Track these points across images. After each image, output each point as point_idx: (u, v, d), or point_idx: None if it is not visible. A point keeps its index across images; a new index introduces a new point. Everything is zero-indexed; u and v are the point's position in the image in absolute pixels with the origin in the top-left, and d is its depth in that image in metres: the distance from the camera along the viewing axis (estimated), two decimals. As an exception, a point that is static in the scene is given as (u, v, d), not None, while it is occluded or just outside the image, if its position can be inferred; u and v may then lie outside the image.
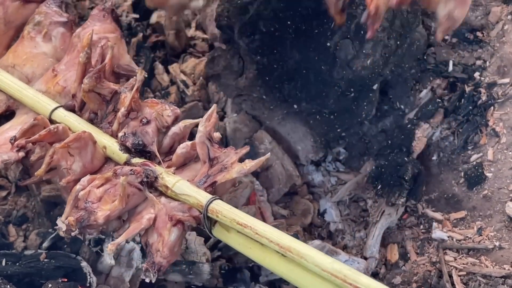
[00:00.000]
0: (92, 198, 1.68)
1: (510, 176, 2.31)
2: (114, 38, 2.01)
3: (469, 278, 2.23)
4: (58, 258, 2.09)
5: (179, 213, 1.70)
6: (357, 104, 2.35)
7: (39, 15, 2.15)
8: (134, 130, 1.81)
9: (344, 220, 2.43)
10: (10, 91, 1.98)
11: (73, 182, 1.76)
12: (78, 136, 1.74)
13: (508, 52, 2.38)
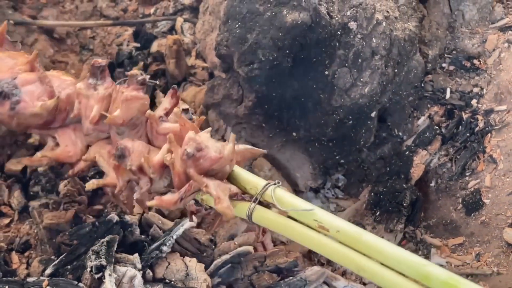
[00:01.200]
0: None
1: (508, 202, 2.33)
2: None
3: None
4: (60, 285, 2.08)
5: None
6: (355, 131, 2.38)
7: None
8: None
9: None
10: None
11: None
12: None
13: (505, 80, 2.41)
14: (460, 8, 2.51)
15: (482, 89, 2.46)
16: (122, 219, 2.22)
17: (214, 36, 2.48)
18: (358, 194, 2.48)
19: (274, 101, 2.37)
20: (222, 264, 2.20)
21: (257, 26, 2.30)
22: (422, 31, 2.45)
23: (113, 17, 2.75)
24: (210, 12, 2.55)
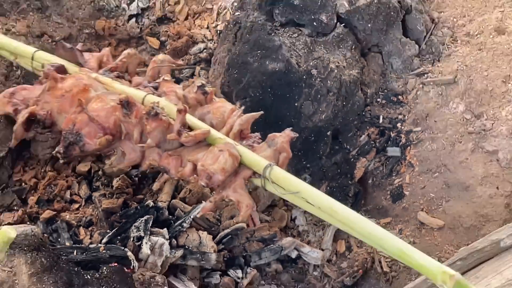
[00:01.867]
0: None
1: (421, 194, 2.43)
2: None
3: (392, 263, 2.35)
4: (112, 249, 2.17)
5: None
6: (316, 145, 2.46)
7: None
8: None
9: (308, 224, 2.50)
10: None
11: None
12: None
13: (420, 110, 2.49)
14: (390, 61, 2.57)
15: (404, 116, 2.52)
16: (156, 205, 2.30)
17: (220, 79, 2.56)
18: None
19: (260, 123, 2.36)
20: (224, 235, 2.30)
21: (248, 72, 2.41)
22: (363, 76, 2.49)
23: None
24: (218, 63, 2.60)
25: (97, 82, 2.04)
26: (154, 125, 1.89)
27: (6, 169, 2.52)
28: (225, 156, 1.85)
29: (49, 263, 1.95)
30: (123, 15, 2.74)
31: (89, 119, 1.95)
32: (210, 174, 1.83)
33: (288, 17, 2.46)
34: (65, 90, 2.02)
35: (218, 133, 1.93)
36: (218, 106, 2.05)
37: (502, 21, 2.52)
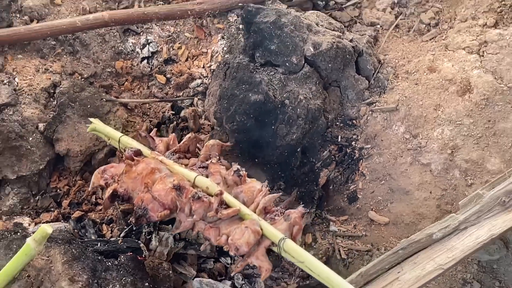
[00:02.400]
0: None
1: (371, 197, 2.44)
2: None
3: (349, 251, 2.35)
4: (128, 242, 2.19)
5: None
6: (289, 159, 2.46)
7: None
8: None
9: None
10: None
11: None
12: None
13: (369, 131, 2.50)
14: (346, 93, 2.57)
15: (357, 136, 2.52)
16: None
17: (213, 108, 2.57)
18: (290, 193, 2.49)
19: (244, 143, 2.45)
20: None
21: (235, 102, 2.41)
22: (325, 105, 2.50)
23: (160, 97, 2.75)
24: (211, 95, 2.61)
25: (162, 164, 2.15)
26: (197, 206, 2.00)
27: (44, 178, 2.53)
28: (249, 232, 1.92)
29: (78, 253, 1.97)
30: (137, 57, 2.75)
31: (152, 198, 2.05)
32: (238, 246, 1.92)
33: (266, 59, 2.48)
34: (137, 173, 2.12)
35: (247, 209, 2.01)
36: (250, 186, 2.10)
37: (433, 62, 2.54)
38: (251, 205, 2.05)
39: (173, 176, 2.11)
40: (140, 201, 2.07)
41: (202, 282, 2.22)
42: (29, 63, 2.60)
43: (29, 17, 2.71)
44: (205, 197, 2.00)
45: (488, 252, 2.15)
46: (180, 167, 2.14)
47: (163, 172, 2.12)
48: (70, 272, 1.90)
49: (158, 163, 2.15)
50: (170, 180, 2.08)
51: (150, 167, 2.12)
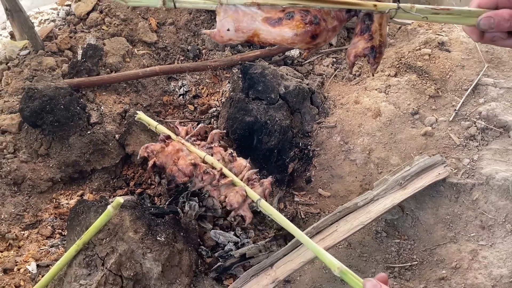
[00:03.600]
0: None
1: (320, 180, 2.40)
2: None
3: (306, 214, 2.32)
4: (170, 207, 2.16)
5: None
6: (269, 157, 2.43)
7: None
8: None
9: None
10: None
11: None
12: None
13: (319, 140, 2.47)
14: (304, 116, 2.53)
15: (311, 143, 2.48)
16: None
17: (223, 125, 2.52)
18: (268, 177, 2.47)
19: (242, 147, 2.42)
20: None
21: (236, 122, 2.39)
22: (291, 124, 2.46)
23: (190, 118, 2.71)
24: (222, 117, 2.55)
25: (184, 146, 2.13)
26: (206, 177, 1.99)
27: (119, 169, 2.50)
28: (238, 195, 1.92)
29: (139, 214, 1.95)
30: (176, 94, 2.72)
31: (178, 169, 2.04)
32: (231, 204, 1.93)
33: (256, 95, 2.46)
34: (168, 152, 2.10)
35: (237, 178, 1.99)
36: (239, 163, 2.08)
37: (357, 97, 2.53)
38: (239, 175, 2.04)
39: (190, 154, 2.09)
40: (170, 171, 2.06)
41: (216, 232, 2.20)
42: (109, 97, 2.59)
43: (110, 69, 2.69)
44: (211, 171, 2.00)
45: (391, 214, 2.15)
46: (195, 148, 2.13)
47: (184, 152, 2.10)
48: (134, 226, 1.89)
49: (181, 145, 2.12)
50: (189, 158, 2.06)
51: (176, 148, 2.09)
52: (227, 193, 1.97)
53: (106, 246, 1.84)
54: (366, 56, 0.95)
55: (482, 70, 2.45)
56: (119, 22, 2.82)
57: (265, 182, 2.01)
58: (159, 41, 2.87)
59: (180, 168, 2.03)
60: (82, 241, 1.80)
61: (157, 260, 1.85)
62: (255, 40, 0.99)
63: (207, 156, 2.06)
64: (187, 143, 2.15)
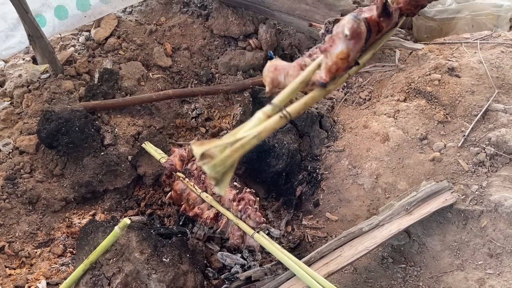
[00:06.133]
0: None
1: (327, 204, 2.39)
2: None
3: (313, 237, 2.31)
4: (179, 228, 2.22)
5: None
6: (278, 180, 2.45)
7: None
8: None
9: (273, 218, 2.46)
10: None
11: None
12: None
13: (327, 163, 2.47)
14: (313, 140, 2.55)
15: (320, 166, 2.47)
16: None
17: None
18: (278, 200, 2.48)
19: (251, 169, 2.45)
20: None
21: (245, 145, 2.45)
22: (300, 147, 2.49)
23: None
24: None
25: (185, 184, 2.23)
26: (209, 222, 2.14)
27: (131, 189, 2.56)
28: (238, 234, 2.08)
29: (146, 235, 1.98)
30: (189, 117, 2.78)
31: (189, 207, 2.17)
32: (234, 244, 2.09)
33: (265, 119, 2.47)
34: (176, 191, 2.26)
35: (231, 216, 2.08)
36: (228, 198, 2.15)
37: (366, 122, 2.54)
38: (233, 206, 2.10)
39: (193, 194, 2.21)
40: (184, 209, 2.19)
41: (223, 254, 2.22)
42: (124, 120, 2.65)
43: (125, 92, 2.76)
44: (208, 220, 2.12)
45: (397, 239, 2.13)
46: (191, 185, 2.21)
47: (187, 191, 2.21)
48: (140, 247, 1.92)
49: (183, 185, 2.22)
50: (181, 184, 2.22)
51: (181, 190, 2.23)
52: (229, 231, 2.08)
53: (112, 266, 1.88)
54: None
55: (492, 96, 2.43)
56: (135, 47, 2.91)
57: (251, 214, 2.03)
58: (173, 66, 2.95)
59: (191, 209, 2.19)
60: (89, 261, 1.85)
61: (161, 281, 1.88)
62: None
63: (203, 193, 2.16)
64: (186, 180, 2.23)
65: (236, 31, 3.00)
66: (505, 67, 2.55)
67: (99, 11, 2.91)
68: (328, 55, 0.92)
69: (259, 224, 2.02)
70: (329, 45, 0.92)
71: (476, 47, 2.75)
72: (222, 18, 3.00)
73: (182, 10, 3.12)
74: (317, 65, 0.97)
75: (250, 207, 2.05)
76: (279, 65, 1.03)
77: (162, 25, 3.06)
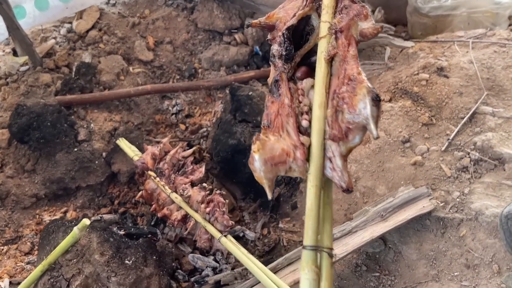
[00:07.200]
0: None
1: (305, 206, 2.36)
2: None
3: (288, 241, 2.26)
4: (150, 228, 2.17)
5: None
6: (254, 180, 2.42)
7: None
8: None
9: (249, 220, 2.40)
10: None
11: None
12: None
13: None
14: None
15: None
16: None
17: (209, 146, 2.53)
18: (256, 201, 2.44)
19: (226, 169, 2.41)
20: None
21: (220, 144, 2.37)
22: None
23: (181, 138, 2.72)
24: (209, 138, 2.57)
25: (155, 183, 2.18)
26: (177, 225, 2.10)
27: (104, 186, 2.52)
28: (205, 237, 2.04)
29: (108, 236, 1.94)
30: (169, 113, 2.73)
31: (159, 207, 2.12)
32: (202, 247, 2.07)
33: (242, 118, 2.43)
34: (147, 190, 2.21)
35: (199, 217, 2.03)
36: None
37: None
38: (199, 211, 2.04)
39: (163, 194, 2.15)
40: (154, 209, 2.15)
41: (194, 256, 2.17)
42: (100, 115, 2.61)
43: (103, 86, 2.73)
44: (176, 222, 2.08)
45: (372, 247, 2.06)
46: (162, 185, 2.15)
47: (158, 191, 2.15)
48: (101, 249, 1.88)
49: (154, 184, 2.16)
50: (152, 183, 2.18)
51: (151, 190, 2.17)
52: (196, 234, 2.05)
53: (72, 268, 1.84)
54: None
55: (481, 98, 2.34)
56: (117, 40, 2.87)
57: (218, 217, 1.97)
58: (155, 60, 2.90)
59: (161, 208, 2.14)
60: (47, 262, 1.81)
61: (121, 284, 1.83)
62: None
63: (172, 194, 2.10)
64: (156, 179, 2.17)
65: (221, 25, 2.93)
66: (496, 68, 2.46)
67: (81, 3, 2.88)
68: (342, 144, 0.83)
69: (226, 227, 1.97)
70: (343, 133, 0.82)
71: (468, 46, 2.65)
72: (207, 12, 2.94)
73: (167, 3, 3.07)
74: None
75: (218, 210, 1.99)
76: (274, 153, 0.91)
77: (146, 18, 3.00)
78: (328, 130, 0.81)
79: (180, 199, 2.08)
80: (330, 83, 0.83)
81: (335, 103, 0.79)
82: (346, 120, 0.78)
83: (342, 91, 0.78)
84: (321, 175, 0.83)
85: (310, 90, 0.95)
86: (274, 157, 0.83)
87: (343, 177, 0.83)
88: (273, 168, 0.84)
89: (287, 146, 0.82)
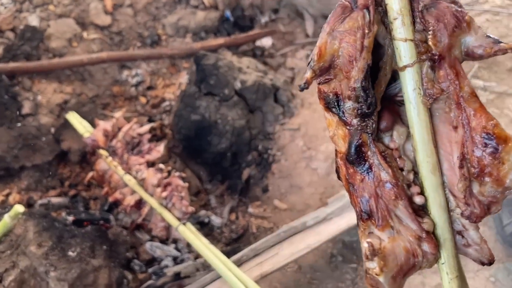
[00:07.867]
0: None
1: (277, 190, 2.18)
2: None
3: (258, 227, 2.11)
4: (102, 213, 2.00)
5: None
6: (221, 160, 2.21)
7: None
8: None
9: (216, 203, 2.23)
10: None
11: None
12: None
13: (280, 143, 2.26)
14: (266, 116, 2.33)
15: (272, 146, 2.27)
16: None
17: (171, 122, 2.32)
18: (223, 183, 2.27)
19: (189, 148, 2.22)
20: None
21: (182, 120, 2.17)
22: (249, 124, 2.26)
23: (141, 112, 2.52)
24: (172, 113, 2.37)
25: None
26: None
27: (53, 166, 2.29)
28: (162, 225, 1.89)
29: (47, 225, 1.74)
30: (128, 85, 2.49)
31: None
32: (160, 236, 1.92)
33: (208, 90, 2.23)
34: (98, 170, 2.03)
35: (156, 204, 1.86)
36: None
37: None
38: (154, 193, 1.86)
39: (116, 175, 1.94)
40: (105, 193, 1.96)
41: (152, 245, 1.98)
42: (49, 86, 2.37)
43: (52, 54, 2.46)
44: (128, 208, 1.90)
45: (350, 235, 1.90)
46: (115, 165, 1.92)
47: (110, 172, 1.94)
48: (39, 239, 1.66)
49: (105, 164, 1.93)
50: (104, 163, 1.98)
51: (103, 171, 1.96)
52: (152, 222, 1.87)
53: (5, 261, 1.62)
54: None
55: (471, 71, 2.15)
56: (69, 2, 2.58)
57: (176, 202, 1.77)
58: (113, 25, 2.62)
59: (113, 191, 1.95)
60: (-26, 254, 1.58)
61: (62, 279, 1.62)
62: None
63: (125, 176, 1.89)
64: (104, 151, 1.96)
65: (189, -14, 2.66)
66: (489, 37, 2.26)
67: (28, -42, 2.56)
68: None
69: (186, 214, 1.76)
70: (485, 209, 0.55)
71: (459, 14, 2.45)
72: (172, -29, 2.66)
73: (129, -40, 2.77)
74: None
75: (176, 194, 1.77)
76: (399, 261, 0.58)
77: (104, -23, 2.70)
78: (455, 203, 0.55)
79: (134, 182, 1.86)
80: (435, 133, 0.53)
81: (465, 172, 0.51)
82: (487, 193, 0.52)
83: (477, 156, 0.50)
84: (457, 261, 0.57)
85: (405, 143, 0.61)
86: (401, 267, 0.54)
87: (483, 252, 0.58)
88: (403, 280, 0.56)
89: (409, 242, 0.54)
